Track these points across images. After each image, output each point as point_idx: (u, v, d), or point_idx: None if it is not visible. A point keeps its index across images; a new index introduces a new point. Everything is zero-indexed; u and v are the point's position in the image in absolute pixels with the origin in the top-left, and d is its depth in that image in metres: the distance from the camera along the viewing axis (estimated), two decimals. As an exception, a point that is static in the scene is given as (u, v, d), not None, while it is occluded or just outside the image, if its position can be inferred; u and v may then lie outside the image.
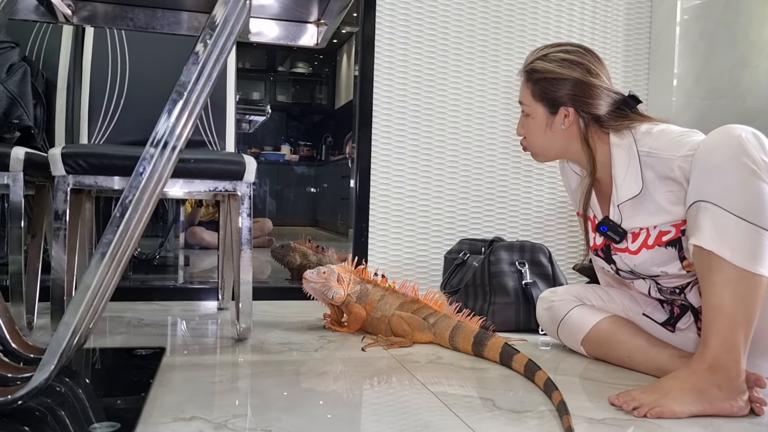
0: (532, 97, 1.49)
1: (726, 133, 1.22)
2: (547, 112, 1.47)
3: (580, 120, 1.45)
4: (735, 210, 1.17)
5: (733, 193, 1.18)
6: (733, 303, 1.16)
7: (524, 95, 1.52)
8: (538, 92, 1.47)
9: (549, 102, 1.46)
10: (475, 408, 1.20)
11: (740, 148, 1.18)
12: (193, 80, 1.02)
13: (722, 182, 1.19)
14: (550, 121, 1.48)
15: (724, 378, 1.17)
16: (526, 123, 1.53)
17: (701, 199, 1.21)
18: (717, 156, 1.21)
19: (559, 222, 2.76)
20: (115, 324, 1.86)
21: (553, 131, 1.48)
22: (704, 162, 1.23)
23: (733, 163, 1.19)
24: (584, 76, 1.43)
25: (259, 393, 1.26)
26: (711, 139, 1.25)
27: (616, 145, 1.42)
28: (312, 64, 8.19)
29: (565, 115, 1.45)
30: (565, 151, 1.51)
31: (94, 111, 1.85)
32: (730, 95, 2.56)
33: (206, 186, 1.60)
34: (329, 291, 1.80)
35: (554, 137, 1.49)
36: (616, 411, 1.20)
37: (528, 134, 1.53)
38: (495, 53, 2.66)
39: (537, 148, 1.54)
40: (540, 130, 1.50)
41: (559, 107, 1.45)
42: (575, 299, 1.64)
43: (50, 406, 1.00)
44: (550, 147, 1.52)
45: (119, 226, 0.98)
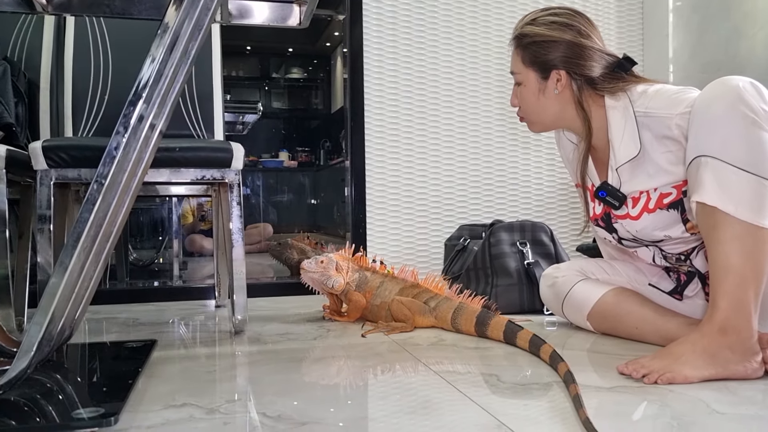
0: (523, 64, 1.45)
1: (723, 84, 1.17)
2: (539, 77, 1.43)
3: (573, 83, 1.41)
4: (737, 162, 1.13)
5: (734, 144, 1.13)
6: (741, 260, 1.11)
7: (515, 63, 1.48)
8: (528, 57, 1.43)
9: (540, 66, 1.42)
10: (479, 384, 1.16)
11: (738, 98, 1.14)
12: (165, 51, 0.98)
13: (722, 134, 1.15)
14: (542, 86, 1.43)
15: (736, 339, 1.12)
16: (520, 92, 1.48)
17: (701, 154, 1.17)
18: (715, 108, 1.16)
19: (560, 200, 2.71)
20: (109, 324, 1.82)
21: (546, 97, 1.44)
22: (702, 115, 1.18)
23: (732, 114, 1.14)
24: (575, 37, 1.38)
25: (254, 380, 1.22)
26: (708, 91, 1.20)
27: (611, 108, 1.37)
28: (306, 70, 8.16)
29: (557, 78, 1.41)
30: (560, 117, 1.46)
31: (78, 107, 1.81)
32: (728, 67, 2.52)
33: (193, 174, 1.56)
34: (329, 280, 1.76)
35: (548, 103, 1.44)
36: (625, 380, 1.15)
37: (522, 103, 1.49)
38: (486, 35, 2.63)
39: (532, 116, 1.49)
40: (533, 97, 1.45)
41: (550, 71, 1.41)
42: (579, 274, 1.59)
43: (33, 397, 0.96)
44: (544, 114, 1.46)
45: (95, 205, 0.94)
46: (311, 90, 8.27)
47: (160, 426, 0.94)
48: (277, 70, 8.09)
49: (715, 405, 1.00)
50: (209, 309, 2.10)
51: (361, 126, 2.49)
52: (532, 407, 1.02)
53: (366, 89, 2.50)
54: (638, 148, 1.33)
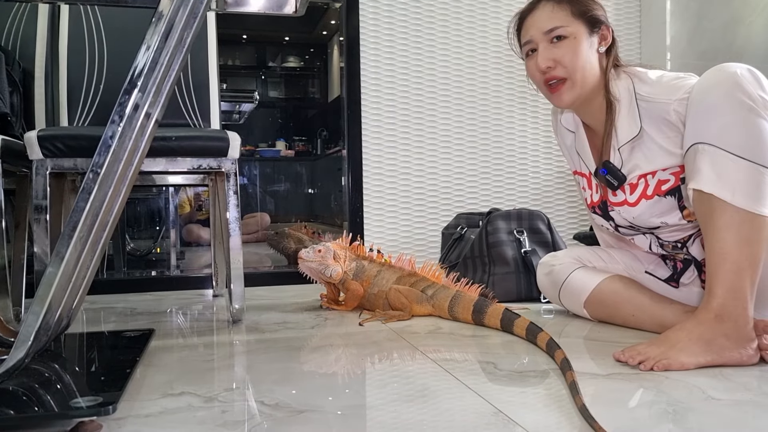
0: (572, 16, 1.38)
1: (720, 71, 1.17)
2: (588, 31, 1.38)
3: (614, 45, 1.41)
4: (734, 149, 1.13)
5: (731, 131, 1.13)
6: (738, 247, 1.12)
7: (557, 17, 1.38)
8: (578, 10, 1.38)
9: (591, 20, 1.38)
10: (476, 371, 1.16)
11: (736, 85, 1.14)
12: (160, 39, 0.98)
13: (719, 122, 1.14)
14: (591, 41, 1.38)
15: (732, 326, 1.13)
16: (561, 47, 1.37)
17: (698, 141, 1.17)
18: (712, 95, 1.16)
19: (557, 188, 2.71)
20: (107, 314, 1.82)
21: (593, 53, 1.39)
22: (699, 102, 1.18)
23: (729, 101, 1.14)
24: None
25: (252, 368, 1.22)
26: (705, 78, 1.20)
27: (616, 84, 1.38)
28: (303, 58, 8.13)
29: (605, 35, 1.39)
30: (598, 81, 1.39)
31: (73, 96, 1.81)
32: (725, 54, 2.51)
33: (190, 164, 1.56)
34: (326, 269, 1.76)
35: (593, 60, 1.38)
36: (621, 367, 1.16)
37: (566, 57, 1.36)
38: (483, 23, 2.62)
39: (576, 73, 1.37)
40: (583, 50, 1.37)
41: (600, 25, 1.39)
42: (576, 262, 1.60)
43: (31, 386, 0.96)
44: (590, 70, 1.38)
45: (91, 194, 0.93)
46: (308, 79, 8.24)
47: (158, 415, 0.94)
48: (274, 59, 8.06)
49: (711, 391, 1.00)
50: (207, 298, 2.10)
51: (358, 115, 2.48)
52: (529, 394, 1.02)
53: (363, 78, 2.50)
54: (639, 127, 1.33)
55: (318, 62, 8.12)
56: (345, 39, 2.52)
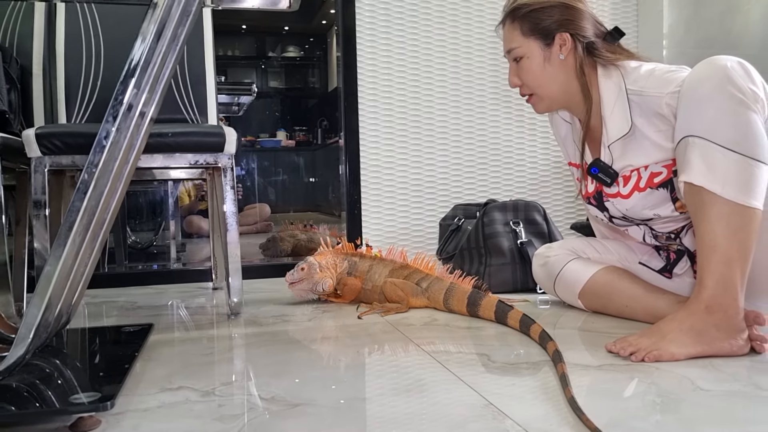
0: (523, 35, 1.42)
1: (711, 64, 1.18)
2: (542, 45, 1.41)
3: (578, 46, 1.40)
4: (724, 142, 1.13)
5: (721, 124, 1.14)
6: (728, 239, 1.13)
7: (512, 38, 1.45)
8: (528, 27, 1.42)
9: (542, 33, 1.41)
10: (470, 363, 1.18)
11: (726, 78, 1.14)
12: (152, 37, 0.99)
13: (709, 114, 1.15)
14: (547, 54, 1.41)
15: (722, 317, 1.14)
16: (521, 67, 1.44)
17: (689, 134, 1.18)
18: (702, 88, 1.17)
19: (554, 179, 2.72)
20: (108, 308, 1.84)
21: (552, 64, 1.41)
22: (690, 96, 1.19)
23: (719, 94, 1.14)
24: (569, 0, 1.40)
25: (250, 362, 1.24)
26: (696, 72, 1.21)
27: (604, 82, 1.38)
28: (303, 48, 8.11)
29: (562, 42, 1.40)
30: (566, 88, 1.43)
31: (71, 93, 1.82)
32: (723, 43, 2.51)
33: (187, 159, 1.57)
34: (317, 285, 1.75)
35: (554, 72, 1.42)
36: (613, 358, 1.17)
37: (526, 77, 1.44)
38: (480, 15, 2.61)
39: (539, 89, 1.44)
40: (539, 68, 1.42)
41: (553, 36, 1.40)
42: (571, 253, 1.61)
43: (32, 382, 0.98)
44: (552, 84, 1.43)
45: (87, 193, 0.95)
46: (308, 69, 8.22)
47: (156, 409, 0.96)
48: (273, 49, 8.04)
49: (700, 382, 1.02)
50: (206, 291, 2.12)
51: (355, 106, 2.49)
52: (520, 386, 1.04)
53: (359, 69, 2.50)
54: (629, 125, 1.34)
55: (318, 52, 8.10)
56: (341, 30, 2.52)
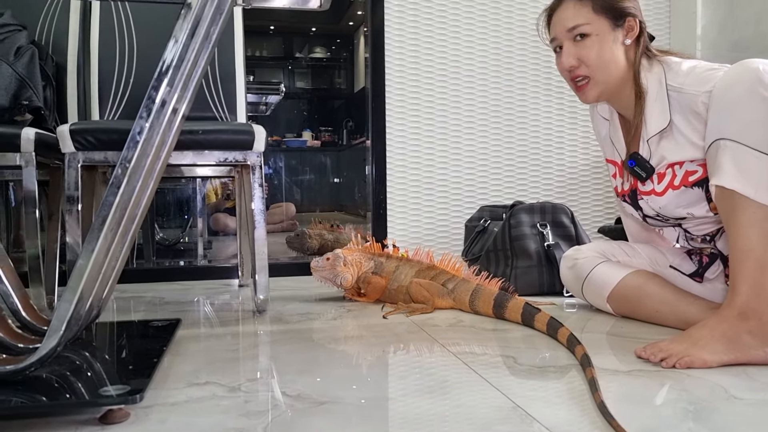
0: (594, 12, 1.37)
1: (742, 67, 1.16)
2: (612, 25, 1.37)
3: (643, 35, 1.38)
4: (756, 145, 1.11)
5: (753, 127, 1.12)
6: (762, 243, 1.11)
7: (579, 14, 1.38)
8: (600, 5, 1.37)
9: (614, 12, 1.37)
10: (496, 365, 1.17)
11: (758, 80, 1.12)
12: (186, 36, 1.00)
13: (741, 117, 1.14)
14: (615, 35, 1.37)
15: (756, 324, 1.12)
16: (584, 45, 1.37)
17: (720, 137, 1.16)
18: (734, 91, 1.15)
19: (582, 181, 2.69)
20: (136, 303, 1.86)
21: (617, 47, 1.38)
22: (721, 98, 1.17)
23: (751, 97, 1.13)
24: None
25: (275, 358, 1.24)
26: (728, 74, 1.19)
27: (646, 75, 1.37)
28: (330, 49, 8.15)
29: (630, 27, 1.37)
30: (623, 74, 1.39)
31: (104, 90, 1.85)
32: (758, 45, 2.46)
33: (216, 157, 1.58)
34: (336, 277, 1.78)
35: (619, 55, 1.38)
36: (643, 363, 1.15)
37: (588, 56, 1.37)
38: (508, 15, 2.60)
39: (599, 71, 1.38)
40: (606, 47, 1.37)
41: (625, 18, 1.37)
42: (599, 256, 1.59)
43: (63, 374, 1.00)
44: (614, 67, 1.38)
45: (120, 188, 0.96)
46: (334, 69, 8.26)
47: (184, 403, 0.97)
48: (301, 50, 8.09)
49: (734, 390, 1.00)
50: (233, 288, 2.14)
51: (382, 107, 2.49)
52: (548, 390, 1.03)
53: (387, 70, 2.50)
54: (668, 120, 1.33)
55: (344, 53, 8.14)
56: (370, 31, 2.52)
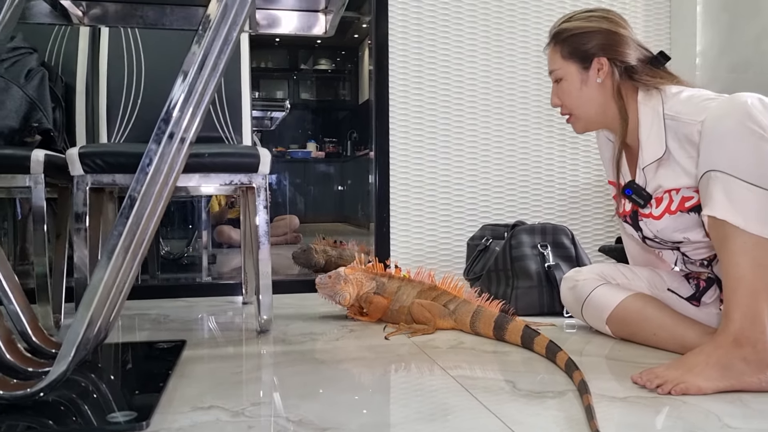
0: (562, 58, 1.47)
1: (731, 101, 1.20)
2: (580, 68, 1.46)
3: (615, 71, 1.43)
4: (745, 176, 1.15)
5: (742, 159, 1.16)
6: (753, 272, 1.13)
7: (554, 60, 1.50)
8: (567, 50, 1.46)
9: (580, 56, 1.45)
10: (495, 390, 1.19)
11: (746, 114, 1.16)
12: (195, 70, 1.03)
13: (730, 150, 1.17)
14: (584, 76, 1.46)
15: (751, 351, 1.14)
16: (560, 88, 1.50)
17: (711, 169, 1.19)
18: (724, 124, 1.19)
19: (583, 201, 2.71)
20: (141, 321, 1.89)
21: (589, 87, 1.46)
22: (712, 131, 1.21)
23: (740, 130, 1.16)
24: (612, 26, 1.44)
25: (279, 382, 1.26)
26: (718, 107, 1.23)
27: (643, 105, 1.41)
28: (334, 61, 8.22)
29: (599, 67, 1.43)
30: (603, 110, 1.47)
31: (112, 112, 1.88)
32: (757, 67, 2.48)
33: (222, 179, 1.61)
34: (336, 295, 1.82)
35: (591, 94, 1.46)
36: (639, 389, 1.17)
37: (565, 98, 1.50)
38: (511, 37, 2.63)
39: (576, 110, 1.49)
40: (576, 90, 1.47)
41: (591, 60, 1.44)
42: (599, 278, 1.61)
43: (71, 398, 1.02)
44: (589, 106, 1.47)
45: (128, 218, 0.99)
46: (339, 81, 8.33)
47: (189, 428, 0.99)
48: (306, 62, 8.16)
49: (727, 419, 1.01)
50: (236, 305, 2.16)
51: (386, 126, 2.52)
52: (545, 416, 1.05)
53: (391, 85, 2.53)
54: (663, 149, 1.36)
55: (349, 65, 8.20)
56: (374, 47, 2.55)
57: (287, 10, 1.56)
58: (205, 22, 1.06)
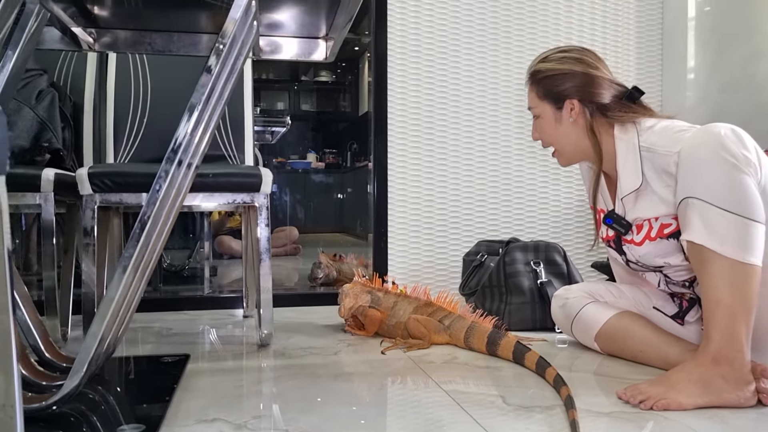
0: (538, 98, 1.57)
1: (706, 132, 1.27)
2: (554, 108, 1.54)
3: (586, 110, 1.51)
4: (720, 203, 1.21)
5: (717, 187, 1.22)
6: (730, 294, 1.19)
7: (531, 98, 1.60)
8: (542, 91, 1.55)
9: (554, 97, 1.53)
10: (486, 405, 1.24)
11: (720, 144, 1.23)
12: (203, 101, 1.09)
13: (706, 178, 1.24)
14: (558, 116, 1.54)
15: (729, 369, 1.19)
16: (539, 125, 1.60)
17: (688, 196, 1.26)
18: (699, 153, 1.25)
19: (577, 219, 2.77)
20: (145, 334, 1.94)
21: (563, 126, 1.54)
22: (688, 160, 1.27)
23: (714, 159, 1.23)
24: (584, 69, 1.51)
25: (279, 395, 1.32)
26: (693, 138, 1.30)
27: (619, 139, 1.48)
28: (335, 72, 8.30)
29: (571, 107, 1.52)
30: (578, 146, 1.55)
31: (119, 131, 1.94)
32: (746, 88, 2.55)
33: (225, 199, 1.67)
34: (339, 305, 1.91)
35: (565, 132, 1.54)
36: (623, 405, 1.23)
37: (542, 135, 1.60)
38: (506, 54, 2.70)
39: (555, 145, 1.59)
40: (551, 128, 1.56)
41: (563, 101, 1.52)
42: (588, 296, 1.67)
43: (82, 411, 1.08)
44: (564, 142, 1.56)
45: (139, 241, 1.05)
46: (339, 93, 8.41)
47: (194, 441, 1.04)
48: (306, 73, 8.24)
49: (705, 434, 1.07)
50: (237, 319, 2.22)
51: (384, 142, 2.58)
52: (532, 430, 1.10)
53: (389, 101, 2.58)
54: (640, 180, 1.43)
55: (349, 76, 8.28)
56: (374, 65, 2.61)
57: (289, 36, 1.63)
58: (214, 55, 1.13)
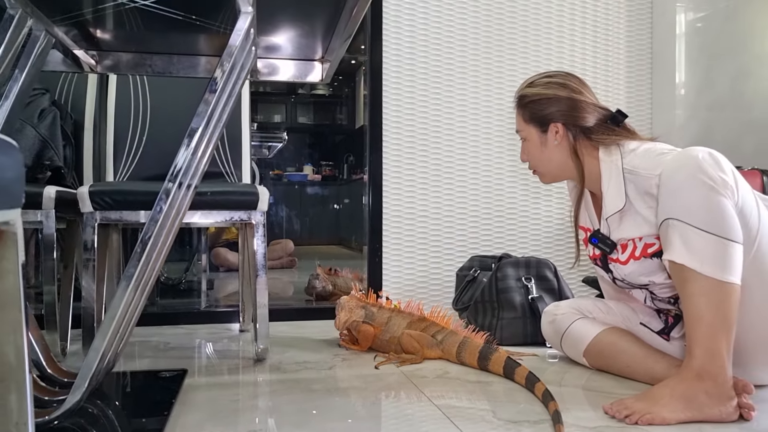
0: (524, 121, 1.63)
1: (685, 155, 1.32)
2: (539, 132, 1.60)
3: (569, 134, 1.57)
4: (699, 224, 1.26)
5: (696, 209, 1.27)
6: (710, 312, 1.24)
7: (518, 122, 1.66)
8: (528, 115, 1.61)
9: (539, 121, 1.59)
10: (476, 419, 1.28)
11: (698, 167, 1.28)
12: (203, 126, 1.13)
13: (685, 200, 1.29)
14: (543, 139, 1.60)
15: (712, 385, 1.23)
16: (526, 147, 1.66)
17: (669, 217, 1.31)
18: (678, 176, 1.30)
19: (568, 237, 2.82)
20: (143, 348, 1.97)
21: (548, 148, 1.60)
22: (668, 183, 1.32)
23: (692, 182, 1.28)
24: (569, 94, 1.56)
25: (275, 409, 1.35)
26: (672, 161, 1.35)
27: (603, 161, 1.53)
28: (332, 85, 8.37)
29: (555, 131, 1.58)
30: (563, 167, 1.61)
31: (118, 149, 1.99)
32: (735, 106, 2.61)
33: (223, 216, 1.71)
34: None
35: (550, 154, 1.60)
36: (609, 419, 1.27)
37: (528, 157, 1.66)
38: (499, 75, 2.75)
39: (539, 167, 1.65)
40: (537, 150, 1.62)
41: (548, 125, 1.58)
42: (577, 312, 1.71)
43: (83, 425, 1.11)
44: (549, 164, 1.62)
45: (140, 260, 1.09)
46: (336, 106, 8.48)
47: (192, 455, 1.08)
48: (303, 86, 8.30)
49: (686, 448, 1.11)
50: (234, 333, 2.25)
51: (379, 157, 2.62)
52: (520, 445, 1.14)
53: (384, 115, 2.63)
54: (623, 201, 1.47)
55: (346, 89, 8.36)
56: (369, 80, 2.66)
57: (286, 59, 1.67)
58: (213, 81, 1.17)
